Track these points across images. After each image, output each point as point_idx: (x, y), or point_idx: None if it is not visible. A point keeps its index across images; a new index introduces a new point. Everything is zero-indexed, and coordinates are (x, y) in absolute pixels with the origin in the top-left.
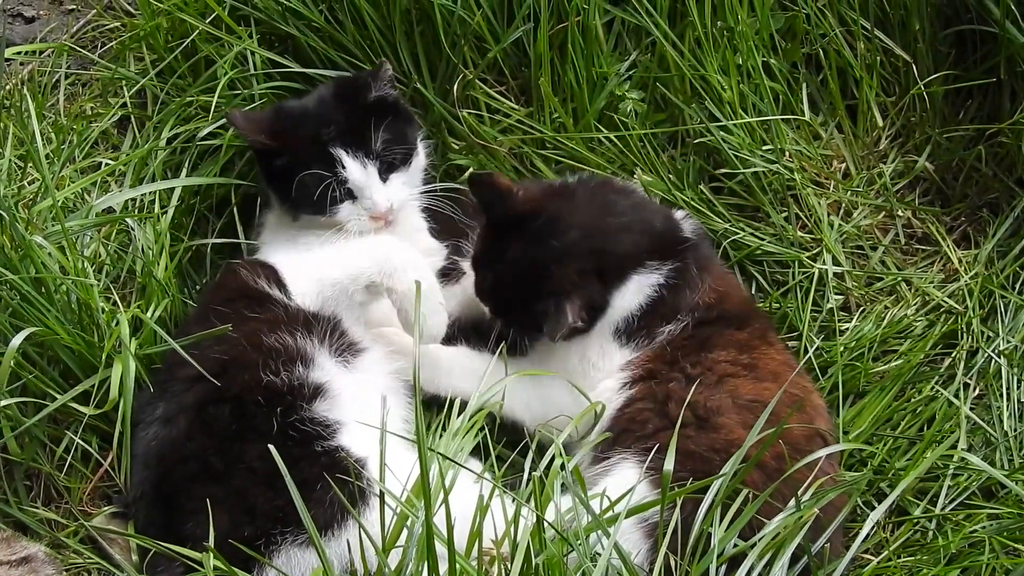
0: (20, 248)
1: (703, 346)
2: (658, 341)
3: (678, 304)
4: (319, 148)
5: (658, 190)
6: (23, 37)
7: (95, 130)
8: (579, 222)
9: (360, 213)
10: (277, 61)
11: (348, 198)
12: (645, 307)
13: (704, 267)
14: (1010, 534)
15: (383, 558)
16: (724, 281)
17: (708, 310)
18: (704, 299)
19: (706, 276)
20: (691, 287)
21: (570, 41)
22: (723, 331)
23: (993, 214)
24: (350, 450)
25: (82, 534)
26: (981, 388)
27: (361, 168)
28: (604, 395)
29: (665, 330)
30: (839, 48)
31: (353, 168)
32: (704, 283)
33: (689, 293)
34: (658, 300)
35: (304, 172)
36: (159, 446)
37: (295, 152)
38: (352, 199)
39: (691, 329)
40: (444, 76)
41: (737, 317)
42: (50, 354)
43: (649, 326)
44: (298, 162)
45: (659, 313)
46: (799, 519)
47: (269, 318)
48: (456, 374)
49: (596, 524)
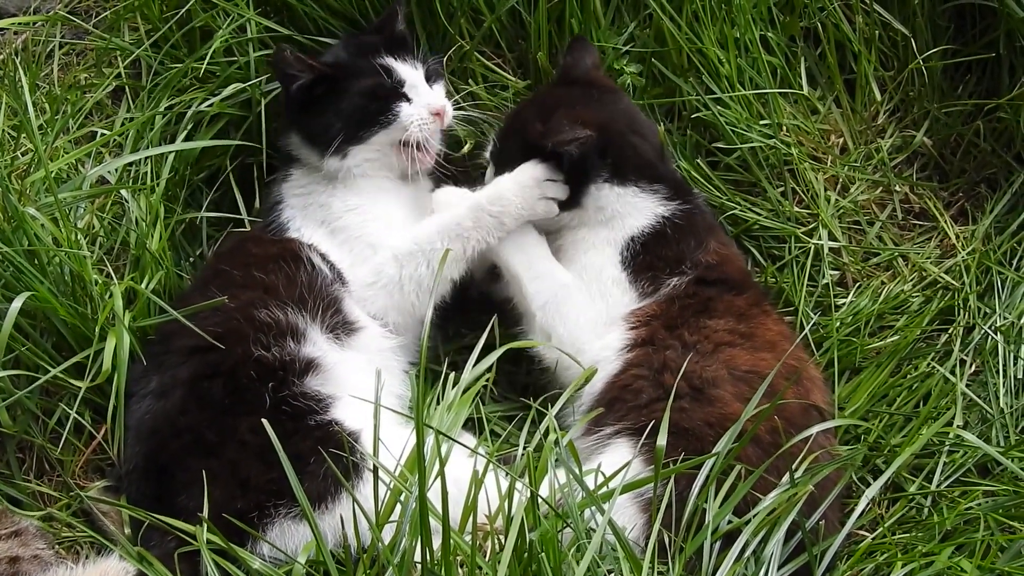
0: (13, 219)
1: (704, 309)
2: (663, 293)
3: (682, 251)
4: (367, 62)
5: None
6: (17, 7)
7: (89, 101)
8: (623, 113)
9: (420, 111)
10: (274, 29)
11: (404, 100)
12: (649, 235)
13: (709, 226)
14: (1005, 511)
15: (377, 532)
16: (726, 247)
17: (710, 269)
18: (707, 257)
19: (710, 234)
20: (695, 237)
21: (568, 14)
22: (723, 295)
23: (991, 190)
24: (343, 424)
25: (74, 507)
26: (977, 365)
27: (412, 68)
28: (604, 353)
29: (671, 282)
30: (838, 22)
31: (405, 69)
32: (708, 240)
33: (693, 243)
34: (662, 235)
35: (356, 84)
36: (153, 419)
37: (346, 72)
38: (408, 101)
39: (694, 286)
40: (441, 47)
41: (737, 283)
42: (43, 326)
43: (655, 267)
44: (346, 79)
45: (663, 254)
46: (794, 495)
47: (270, 285)
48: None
49: (591, 500)
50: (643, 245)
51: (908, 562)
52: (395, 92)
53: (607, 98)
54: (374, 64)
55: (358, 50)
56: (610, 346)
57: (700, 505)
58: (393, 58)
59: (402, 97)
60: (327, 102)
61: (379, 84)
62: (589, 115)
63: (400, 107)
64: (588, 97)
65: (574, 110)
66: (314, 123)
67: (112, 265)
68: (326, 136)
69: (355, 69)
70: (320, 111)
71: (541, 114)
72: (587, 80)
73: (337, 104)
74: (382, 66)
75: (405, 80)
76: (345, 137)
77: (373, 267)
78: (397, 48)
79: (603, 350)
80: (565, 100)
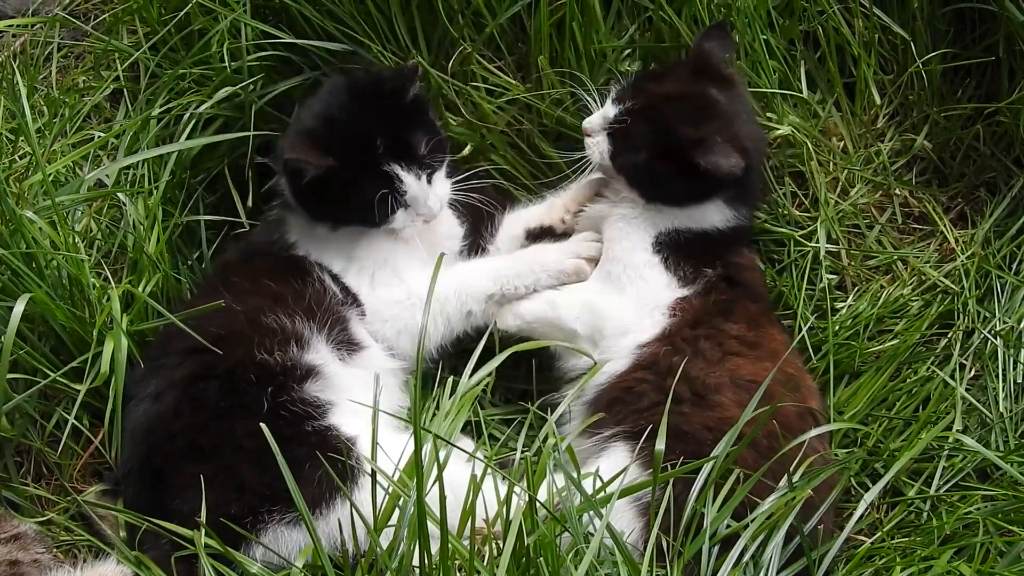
0: (11, 223)
1: (725, 310)
2: (699, 286)
3: (725, 250)
4: (373, 166)
5: None
6: (15, 9)
7: (87, 104)
8: (751, 117)
9: (414, 218)
10: (271, 33)
11: (401, 207)
12: (712, 233)
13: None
14: (1004, 515)
15: (375, 537)
16: (751, 256)
17: (739, 271)
18: (736, 259)
19: (747, 242)
20: (741, 241)
21: (568, 17)
22: (742, 299)
23: (990, 194)
24: (340, 429)
25: (72, 511)
26: (977, 369)
27: (416, 180)
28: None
29: (708, 274)
30: (837, 25)
31: (410, 182)
32: (744, 246)
33: (736, 246)
34: (719, 233)
35: (359, 190)
36: (148, 421)
37: (349, 170)
38: (405, 207)
39: (724, 283)
40: (441, 50)
41: (755, 289)
42: (41, 329)
43: (699, 262)
44: (350, 181)
45: (712, 249)
46: (791, 499)
47: (279, 294)
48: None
49: (588, 505)
50: (700, 240)
51: (907, 566)
52: (396, 202)
53: (748, 110)
54: (379, 171)
55: (364, 144)
56: (646, 329)
57: (698, 509)
58: (399, 166)
59: (400, 204)
60: (329, 191)
61: (382, 196)
62: (741, 138)
63: (395, 216)
64: (737, 110)
65: (732, 128)
66: (307, 203)
67: (110, 268)
68: (318, 215)
69: (359, 171)
70: (315, 196)
71: (693, 117)
72: (725, 78)
73: (338, 197)
74: (386, 176)
75: (407, 192)
76: (336, 222)
77: (400, 294)
78: (403, 152)
79: (636, 337)
80: (717, 108)
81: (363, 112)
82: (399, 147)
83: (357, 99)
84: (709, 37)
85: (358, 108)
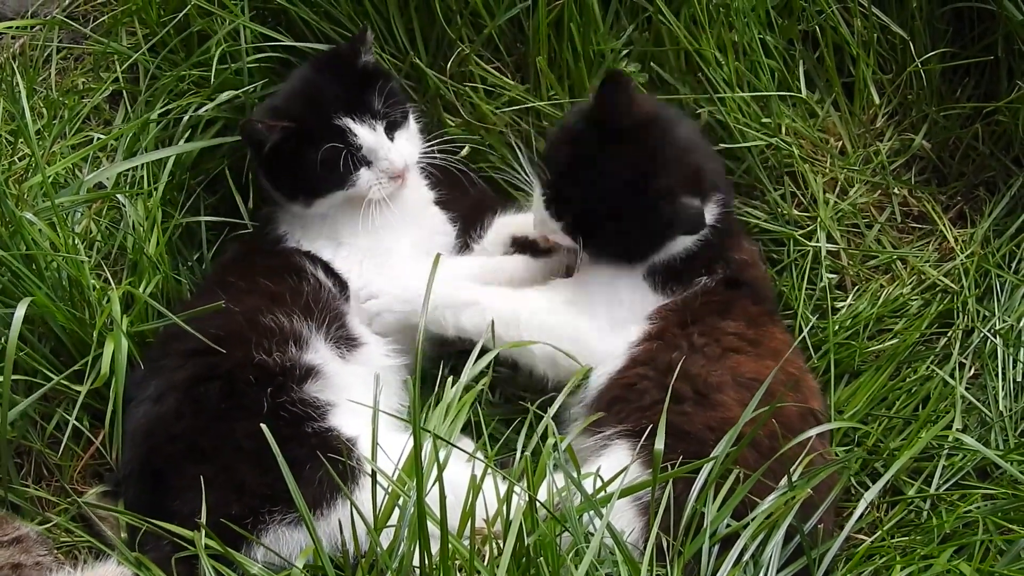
0: (10, 224)
1: (721, 310)
2: (693, 291)
3: (721, 251)
4: (325, 122)
5: None
6: (15, 10)
7: (87, 105)
8: (684, 136)
9: (379, 176)
10: (270, 35)
11: (363, 165)
12: (697, 244)
13: (737, 223)
14: (1004, 514)
15: (375, 536)
16: (752, 248)
17: (742, 269)
18: (740, 255)
19: (742, 231)
20: (732, 234)
21: (567, 18)
22: (743, 299)
23: (990, 193)
24: (341, 430)
25: (73, 512)
26: (977, 368)
27: (371, 131)
28: (619, 348)
29: (702, 280)
30: (836, 25)
31: (363, 133)
32: (742, 237)
33: (732, 241)
34: (706, 242)
35: (315, 149)
36: (148, 423)
37: (305, 132)
38: (367, 165)
39: (722, 286)
40: (439, 52)
41: (759, 291)
42: (41, 331)
43: (691, 271)
44: (306, 142)
45: (704, 256)
46: (791, 498)
47: (276, 294)
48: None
49: (589, 505)
50: (682, 258)
51: (907, 565)
52: (352, 158)
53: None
54: (331, 126)
55: (315, 105)
56: (628, 340)
57: (699, 508)
58: (351, 118)
59: (360, 162)
60: (289, 161)
61: (335, 152)
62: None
63: (358, 175)
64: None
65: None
66: (277, 179)
67: (110, 270)
68: (289, 191)
69: (312, 129)
70: (284, 170)
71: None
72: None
73: (295, 165)
74: (338, 129)
75: (362, 145)
76: (306, 194)
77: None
78: (355, 104)
79: (620, 345)
80: (678, 150)
81: (318, 78)
82: (351, 102)
83: (314, 70)
84: (614, 90)
85: (314, 76)
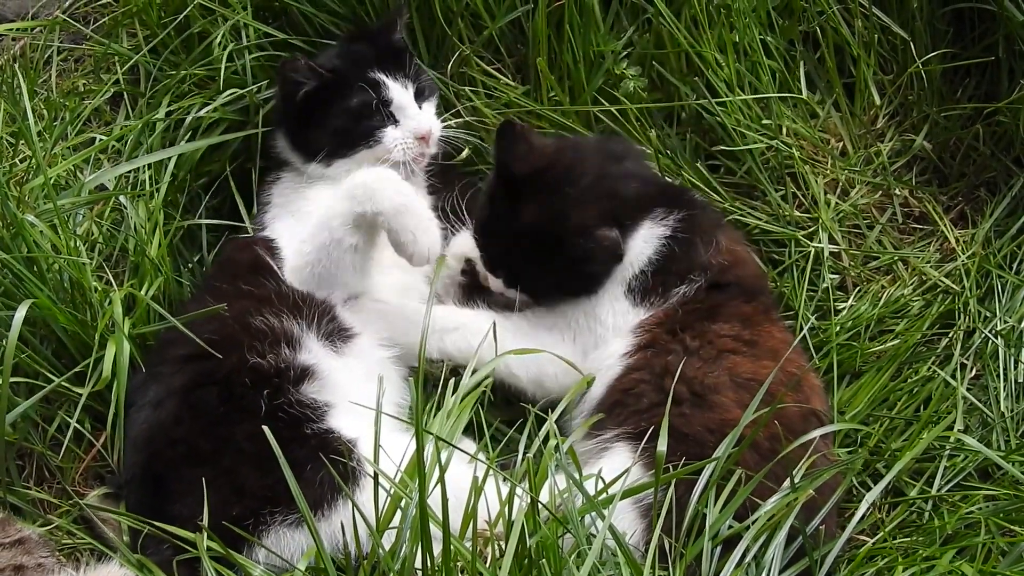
0: (12, 226)
1: (709, 315)
2: (671, 303)
3: (691, 260)
4: (361, 75)
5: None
6: (15, 12)
7: (87, 107)
8: (590, 169)
9: (405, 136)
10: (272, 34)
11: (391, 122)
12: (656, 261)
13: (716, 224)
14: (1006, 515)
15: (377, 538)
16: (739, 246)
17: (723, 272)
18: (718, 259)
19: (719, 234)
20: (703, 241)
21: (567, 19)
22: (731, 301)
23: (990, 193)
24: (341, 432)
25: (75, 514)
26: (978, 368)
27: (402, 88)
28: (608, 360)
29: (680, 291)
30: (837, 26)
31: (395, 88)
32: (718, 240)
33: (702, 248)
34: (669, 254)
35: (347, 100)
36: (148, 429)
37: (338, 83)
38: (395, 123)
39: (704, 292)
40: (439, 52)
41: (748, 288)
42: (43, 333)
43: (664, 284)
44: (340, 95)
45: (672, 270)
46: (793, 500)
47: (263, 295)
48: (455, 333)
49: (591, 506)
50: (650, 272)
51: (909, 566)
52: (381, 112)
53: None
54: (365, 78)
55: (352, 60)
56: (615, 352)
57: (700, 510)
58: (385, 74)
59: (389, 118)
60: (319, 113)
61: (366, 103)
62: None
63: (385, 131)
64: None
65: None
66: (304, 132)
67: (111, 272)
68: (313, 147)
69: (346, 82)
70: (311, 122)
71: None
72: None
73: (326, 117)
74: (372, 82)
75: (393, 99)
76: (330, 151)
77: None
78: (390, 63)
79: (608, 356)
80: (586, 185)
81: (355, 43)
82: (385, 61)
83: (351, 38)
84: (514, 141)
85: (351, 41)
